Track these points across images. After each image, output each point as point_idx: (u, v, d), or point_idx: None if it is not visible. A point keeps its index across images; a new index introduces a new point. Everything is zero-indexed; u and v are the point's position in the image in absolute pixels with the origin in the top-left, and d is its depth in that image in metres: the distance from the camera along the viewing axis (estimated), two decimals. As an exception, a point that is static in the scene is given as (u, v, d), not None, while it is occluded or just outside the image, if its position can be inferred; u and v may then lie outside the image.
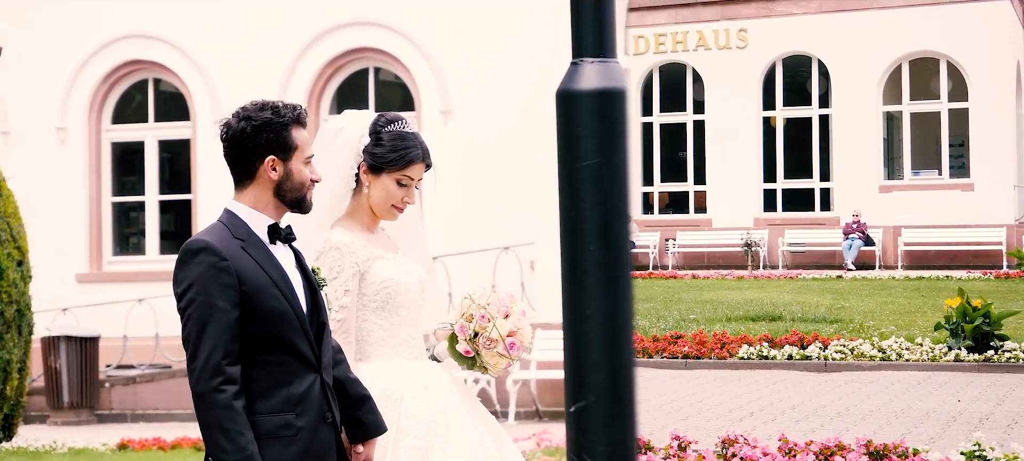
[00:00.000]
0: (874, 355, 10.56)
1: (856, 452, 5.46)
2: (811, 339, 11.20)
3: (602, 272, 1.82)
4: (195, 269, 3.06)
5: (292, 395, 3.11)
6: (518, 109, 11.60)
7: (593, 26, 1.86)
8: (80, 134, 12.90)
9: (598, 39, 1.86)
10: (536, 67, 11.40)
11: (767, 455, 5.51)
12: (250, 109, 3.14)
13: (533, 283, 11.20)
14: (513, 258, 11.26)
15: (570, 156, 1.84)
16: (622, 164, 1.88)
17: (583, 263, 1.82)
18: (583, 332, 1.82)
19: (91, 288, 12.42)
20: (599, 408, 1.81)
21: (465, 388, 4.11)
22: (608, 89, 1.85)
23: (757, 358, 10.84)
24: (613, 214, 1.84)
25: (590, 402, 1.81)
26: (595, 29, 1.86)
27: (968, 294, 10.76)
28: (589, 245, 1.81)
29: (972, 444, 5.59)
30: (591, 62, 1.85)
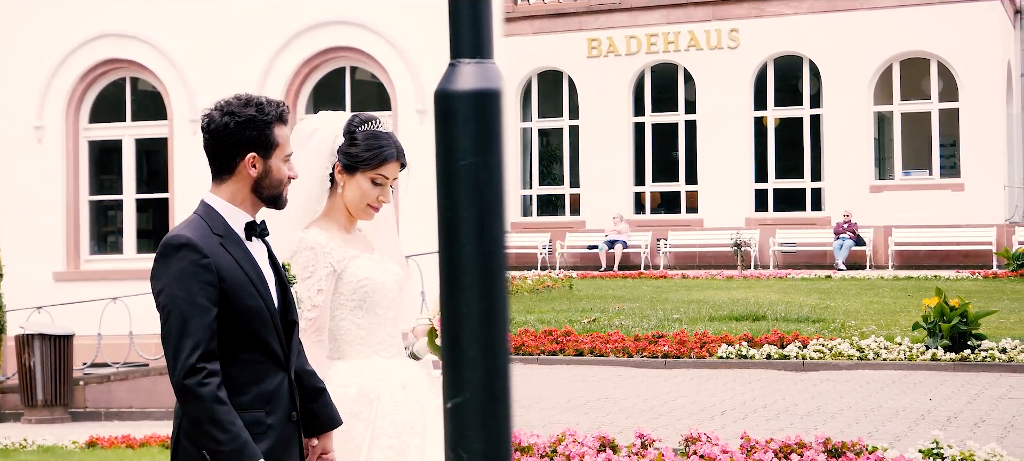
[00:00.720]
0: (851, 355, 10.55)
1: (814, 450, 5.45)
2: (791, 339, 11.19)
3: (478, 271, 1.84)
4: (176, 265, 3.06)
5: (264, 392, 3.15)
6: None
7: (470, 27, 1.88)
8: (57, 133, 12.89)
9: (475, 40, 1.88)
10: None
11: (726, 452, 5.50)
12: (234, 104, 3.15)
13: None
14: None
15: (447, 156, 1.86)
16: (498, 164, 1.90)
17: (459, 262, 1.84)
18: (459, 330, 1.84)
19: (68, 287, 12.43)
20: (475, 405, 1.83)
21: None
22: (485, 90, 1.86)
23: (736, 357, 10.83)
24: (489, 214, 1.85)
25: (466, 398, 1.83)
26: (472, 30, 1.88)
27: (946, 294, 10.75)
28: (465, 244, 1.84)
29: (930, 442, 5.58)
30: (468, 63, 1.87)
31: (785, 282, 20.60)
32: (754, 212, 28.04)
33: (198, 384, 2.98)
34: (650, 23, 28.58)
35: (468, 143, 1.84)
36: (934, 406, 7.97)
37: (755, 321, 13.93)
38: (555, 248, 28.64)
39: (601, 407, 8.25)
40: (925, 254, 25.76)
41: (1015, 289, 18.33)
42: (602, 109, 29.06)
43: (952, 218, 25.85)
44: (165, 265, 3.07)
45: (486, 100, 1.86)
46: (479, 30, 1.87)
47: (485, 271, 1.84)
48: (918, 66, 27.14)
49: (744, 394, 8.74)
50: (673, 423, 7.17)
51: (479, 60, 1.87)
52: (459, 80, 1.86)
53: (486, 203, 1.84)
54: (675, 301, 17.00)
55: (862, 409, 7.91)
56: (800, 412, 7.87)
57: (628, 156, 29.12)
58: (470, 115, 1.85)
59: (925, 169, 27.10)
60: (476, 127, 1.85)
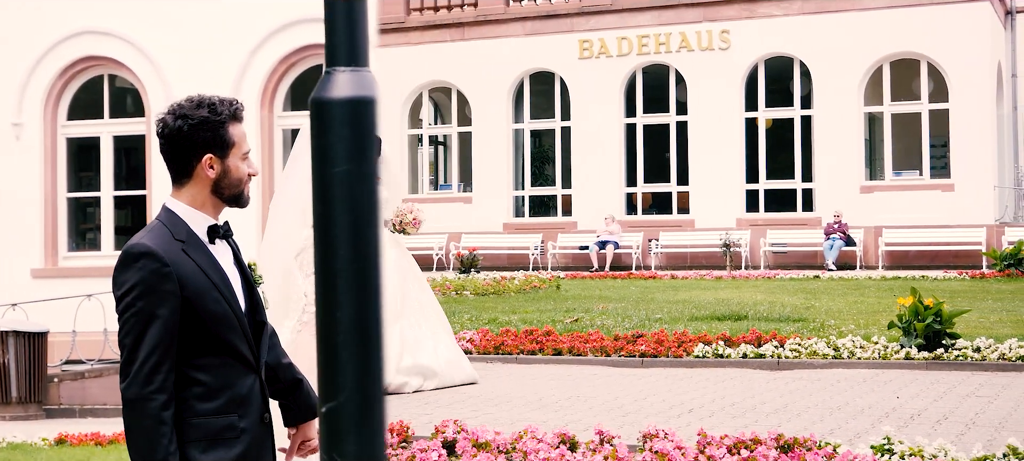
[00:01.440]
0: (826, 354, 10.58)
1: (766, 445, 5.48)
2: (768, 338, 11.22)
3: (352, 276, 1.87)
4: (136, 274, 3.05)
5: (235, 397, 3.15)
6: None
7: (346, 36, 1.91)
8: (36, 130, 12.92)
9: (350, 48, 1.91)
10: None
11: (680, 448, 5.53)
12: (186, 106, 3.11)
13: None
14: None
15: (323, 163, 1.89)
16: (372, 171, 1.94)
17: (334, 268, 1.87)
18: (334, 334, 1.87)
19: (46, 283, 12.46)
20: (350, 408, 1.86)
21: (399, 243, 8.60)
22: (359, 98, 1.89)
23: (713, 356, 10.85)
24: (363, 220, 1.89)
25: (341, 402, 1.86)
26: (347, 39, 1.91)
27: (922, 293, 10.78)
28: (340, 250, 1.87)
29: (882, 438, 5.62)
30: (343, 71, 1.90)
31: (773, 282, 20.62)
32: (745, 213, 28.08)
33: (145, 398, 2.99)
34: (641, 24, 28.63)
35: (343, 151, 1.88)
36: (900, 404, 8.00)
37: (737, 321, 13.97)
38: (547, 249, 28.67)
39: (571, 405, 8.28)
40: (915, 254, 25.79)
41: (1000, 289, 18.35)
42: (594, 110, 29.10)
43: (942, 218, 25.89)
44: (125, 273, 3.06)
45: (361, 108, 1.89)
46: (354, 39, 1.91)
47: (359, 276, 1.87)
48: (908, 67, 27.18)
49: (715, 392, 8.77)
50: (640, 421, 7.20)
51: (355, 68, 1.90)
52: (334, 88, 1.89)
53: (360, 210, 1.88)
54: (660, 301, 17.02)
55: (829, 407, 7.94)
56: (767, 410, 7.91)
57: (620, 157, 29.17)
58: (345, 123, 1.88)
59: (915, 170, 27.14)
60: (351, 135, 1.88)
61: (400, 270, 9.05)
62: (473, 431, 6.00)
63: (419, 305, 9.12)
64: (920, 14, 26.26)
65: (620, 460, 5.44)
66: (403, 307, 8.92)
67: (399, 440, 6.14)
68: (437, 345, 9.13)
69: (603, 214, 28.50)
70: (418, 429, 6.67)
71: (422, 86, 31.01)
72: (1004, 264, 20.26)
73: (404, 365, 8.82)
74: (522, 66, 29.82)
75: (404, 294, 8.98)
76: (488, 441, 5.92)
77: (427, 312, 9.20)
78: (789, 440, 5.50)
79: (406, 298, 8.99)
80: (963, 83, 25.95)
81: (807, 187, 27.84)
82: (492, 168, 29.93)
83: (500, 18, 29.95)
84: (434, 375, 9.06)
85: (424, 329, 9.07)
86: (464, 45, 30.21)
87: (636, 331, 12.26)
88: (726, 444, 5.58)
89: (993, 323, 13.10)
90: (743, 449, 5.38)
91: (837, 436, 6.76)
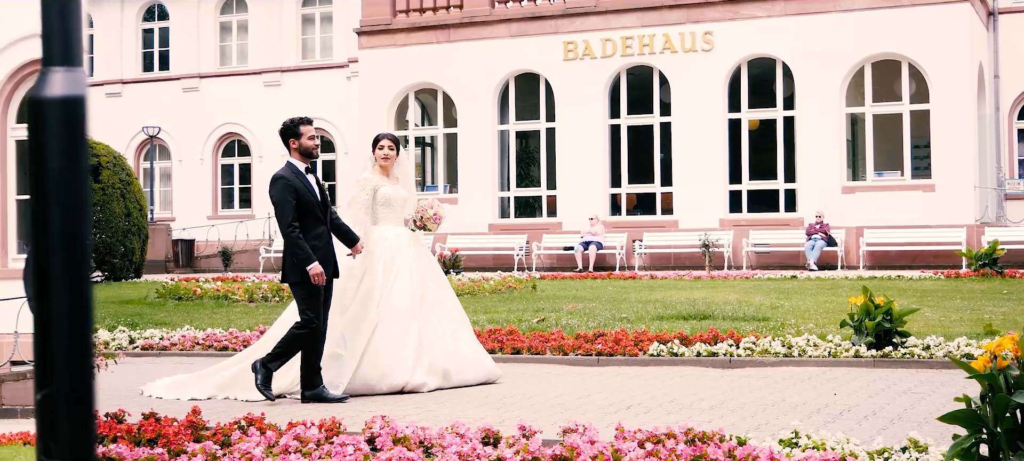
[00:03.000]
0: (778, 352, 10.70)
1: (676, 439, 5.63)
2: (725, 337, 11.34)
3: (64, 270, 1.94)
4: (279, 183, 8.29)
5: (317, 232, 8.33)
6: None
7: (60, 37, 1.97)
8: (-17, 132, 13.04)
9: (64, 49, 1.97)
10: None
11: (592, 443, 5.67)
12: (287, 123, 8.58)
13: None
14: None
15: (38, 161, 1.94)
16: (84, 169, 1.99)
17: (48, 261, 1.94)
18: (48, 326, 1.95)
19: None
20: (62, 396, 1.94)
21: (420, 241, 9.33)
22: (72, 97, 1.95)
23: (668, 355, 10.98)
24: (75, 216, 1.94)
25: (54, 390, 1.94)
26: (62, 39, 1.97)
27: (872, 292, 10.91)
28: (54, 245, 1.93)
29: (791, 432, 5.76)
30: (58, 71, 1.96)
31: (749, 282, 20.74)
32: (728, 213, 28.22)
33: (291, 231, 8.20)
34: (625, 26, 28.79)
35: (57, 148, 1.93)
36: (836, 400, 8.13)
37: (701, 320, 14.09)
38: (532, 249, 28.82)
39: (515, 402, 8.41)
40: (896, 254, 25.94)
41: (971, 288, 18.47)
42: (578, 111, 29.25)
43: (923, 219, 26.04)
44: (275, 185, 8.30)
45: (73, 107, 1.95)
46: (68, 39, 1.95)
47: (71, 270, 1.94)
48: (890, 68, 27.32)
49: (660, 390, 8.90)
50: (577, 416, 7.33)
51: (68, 68, 1.96)
52: (49, 87, 1.95)
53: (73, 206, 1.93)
54: (633, 301, 17.14)
55: (764, 403, 8.07)
56: (705, 406, 8.04)
57: (604, 158, 29.32)
58: (59, 121, 1.93)
59: (897, 170, 27.28)
60: (64, 133, 1.93)
61: (419, 269, 9.11)
62: (393, 427, 6.15)
63: (439, 304, 9.17)
64: (901, 15, 26.41)
65: (531, 453, 5.58)
66: (422, 307, 8.99)
67: (327, 436, 6.28)
68: (457, 345, 9.17)
69: (588, 215, 28.65)
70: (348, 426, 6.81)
71: (408, 87, 31.17)
72: (979, 264, 20.39)
73: (422, 365, 8.87)
74: (507, 67, 29.98)
75: (423, 293, 9.05)
76: (406, 435, 6.06)
77: (448, 311, 9.25)
78: (698, 434, 5.63)
79: (425, 297, 9.05)
80: (944, 84, 26.09)
81: (790, 188, 27.98)
82: (478, 169, 30.08)
83: (485, 20, 30.12)
84: (451, 374, 9.11)
85: (444, 328, 9.12)
86: (450, 47, 30.38)
87: (598, 330, 12.39)
88: (638, 438, 5.72)
89: (952, 322, 13.23)
90: (653, 443, 5.52)
91: (763, 431, 6.90)
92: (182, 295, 18.60)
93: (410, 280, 8.99)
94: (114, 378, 9.68)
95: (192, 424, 6.58)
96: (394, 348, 8.81)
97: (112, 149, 26.25)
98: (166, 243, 32.18)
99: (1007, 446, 4.76)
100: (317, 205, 8.42)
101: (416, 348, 8.88)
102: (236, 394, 8.72)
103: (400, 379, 8.76)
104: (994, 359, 4.83)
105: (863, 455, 5.38)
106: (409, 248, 9.12)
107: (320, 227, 8.42)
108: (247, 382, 8.68)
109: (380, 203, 9.12)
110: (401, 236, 9.16)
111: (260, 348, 9.02)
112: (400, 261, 9.04)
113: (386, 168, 9.20)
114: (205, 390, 8.83)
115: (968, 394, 5.07)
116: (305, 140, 8.46)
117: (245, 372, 8.78)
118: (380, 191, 9.12)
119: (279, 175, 8.36)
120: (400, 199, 9.21)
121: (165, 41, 37.88)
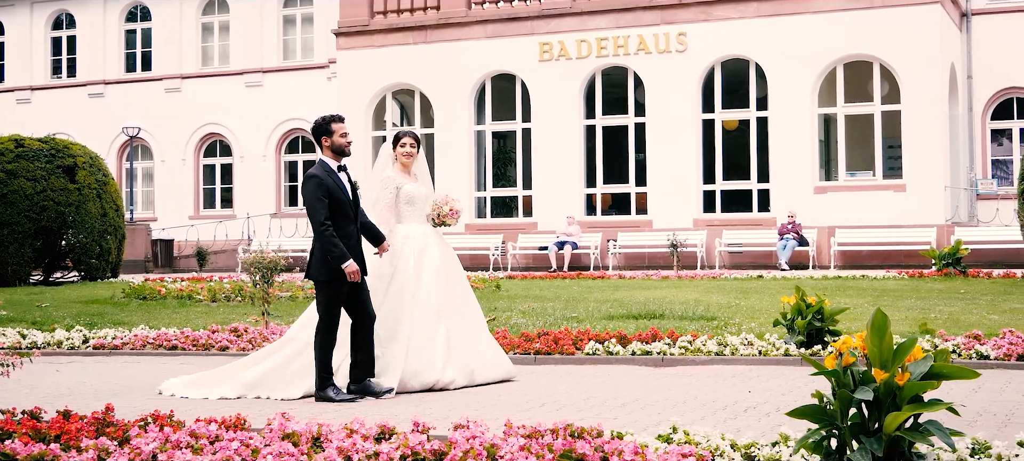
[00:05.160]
0: (710, 350, 10.83)
1: (554, 434, 5.76)
2: (664, 336, 11.46)
3: None
4: (312, 181, 8.19)
5: (347, 231, 8.26)
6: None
7: None
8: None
9: None
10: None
11: (471, 438, 5.80)
12: (319, 120, 8.48)
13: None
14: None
15: None
16: None
17: None
18: None
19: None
20: None
21: (444, 239, 9.19)
22: None
23: (604, 354, 11.10)
24: None
25: None
26: None
27: (804, 292, 11.05)
28: None
29: (669, 428, 5.90)
30: None
31: (714, 282, 20.87)
32: (702, 213, 28.36)
33: (324, 229, 8.12)
34: (600, 27, 28.94)
35: None
36: (747, 397, 8.27)
37: (652, 319, 14.20)
38: (507, 249, 28.96)
39: (433, 400, 8.52)
40: (868, 254, 26.09)
41: (930, 288, 18.60)
42: (554, 112, 29.39)
43: (894, 218, 26.18)
44: (307, 183, 8.20)
45: None
46: None
47: None
48: (861, 69, 27.47)
49: (580, 388, 9.02)
50: (486, 414, 7.46)
51: None
52: None
53: None
54: (592, 301, 17.26)
55: (676, 401, 8.20)
56: (617, 403, 8.16)
57: (579, 158, 29.47)
58: None
59: (869, 170, 27.42)
60: None
61: (445, 267, 9.06)
62: (280, 424, 6.28)
63: (463, 302, 9.18)
64: (872, 17, 26.56)
65: (410, 448, 5.72)
66: (450, 305, 8.99)
67: (227, 432, 6.41)
68: (478, 343, 9.20)
69: (564, 214, 28.80)
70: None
71: (386, 88, 31.31)
72: (942, 263, 20.54)
73: (452, 364, 8.88)
74: (484, 68, 30.12)
75: (450, 291, 9.04)
76: (293, 431, 6.19)
77: (470, 310, 9.26)
78: (577, 429, 5.77)
79: (452, 295, 9.04)
80: (915, 85, 26.24)
81: (763, 188, 28.12)
82: (454, 169, 30.22)
83: (462, 21, 30.26)
84: (476, 373, 9.07)
85: (467, 327, 9.14)
86: (427, 48, 30.53)
87: (542, 329, 12.52)
88: (521, 434, 5.86)
89: (896, 321, 13.34)
90: (533, 438, 5.66)
91: (662, 427, 7.03)
92: (147, 295, 18.73)
93: (438, 278, 8.96)
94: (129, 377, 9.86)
95: (97, 420, 6.70)
96: (425, 346, 8.79)
97: (88, 149, 26.35)
98: (146, 243, 32.32)
99: (850, 439, 4.91)
100: (348, 204, 8.37)
101: (445, 346, 8.87)
102: (268, 393, 8.59)
103: (431, 377, 8.73)
104: (840, 357, 4.97)
105: (728, 448, 5.52)
106: (436, 246, 9.06)
107: (350, 226, 8.36)
108: (278, 380, 8.61)
109: (404, 201, 9.04)
110: (428, 234, 9.09)
111: (279, 348, 8.95)
112: (429, 259, 8.98)
113: (407, 166, 9.10)
114: (232, 389, 8.68)
115: (821, 391, 5.21)
116: (337, 137, 8.38)
117: (275, 370, 8.70)
118: (404, 189, 9.03)
119: (312, 174, 8.29)
120: (422, 196, 9.13)
121: (148, 42, 38.03)
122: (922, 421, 4.97)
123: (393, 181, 9.03)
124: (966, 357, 10.01)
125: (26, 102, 39.14)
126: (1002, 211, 27.12)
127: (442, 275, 9.01)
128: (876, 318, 4.95)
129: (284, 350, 8.89)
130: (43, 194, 24.18)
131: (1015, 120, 29.12)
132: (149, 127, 36.82)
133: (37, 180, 24.17)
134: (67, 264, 25.20)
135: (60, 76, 39.25)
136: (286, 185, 36.48)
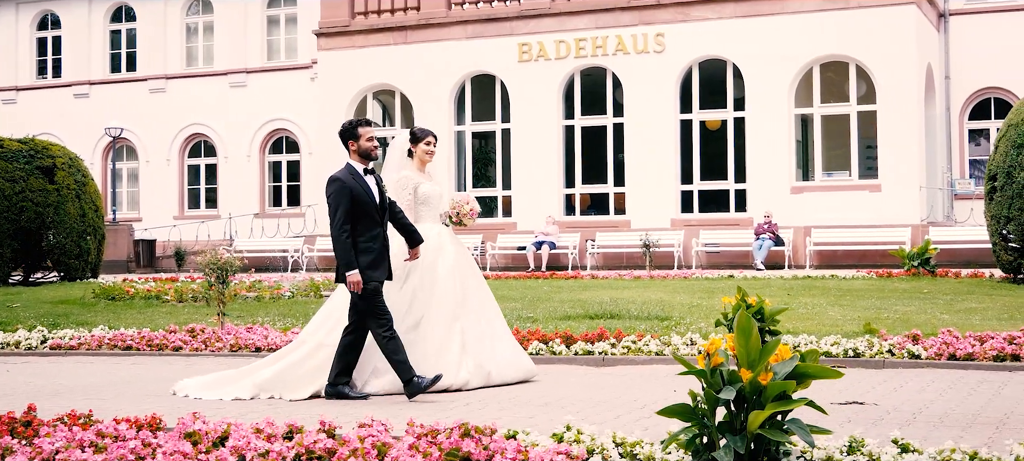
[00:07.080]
0: (651, 351, 10.92)
1: (448, 431, 5.86)
2: (610, 336, 11.55)
3: None
4: (335, 185, 8.14)
5: (373, 234, 8.19)
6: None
7: None
8: None
9: None
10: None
11: (368, 437, 5.91)
12: (346, 124, 8.44)
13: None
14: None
15: None
16: None
17: None
18: None
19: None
20: None
21: (458, 240, 9.13)
22: None
23: (548, 353, 11.19)
24: None
25: None
26: None
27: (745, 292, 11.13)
28: None
29: (564, 427, 6.00)
30: None
31: (683, 282, 20.94)
32: (680, 213, 28.45)
33: (341, 236, 8.09)
34: (578, 27, 29.02)
35: None
36: (672, 396, 8.36)
37: (608, 319, 14.28)
38: (486, 249, 29.05)
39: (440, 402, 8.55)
40: (843, 254, 26.17)
41: (895, 288, 18.68)
42: (533, 112, 29.48)
43: (870, 218, 26.26)
44: (331, 186, 8.13)
45: None
46: None
47: None
48: (838, 69, 27.55)
49: (513, 389, 9.11)
50: (401, 412, 7.54)
51: None
52: None
53: None
54: (556, 301, 17.33)
55: (597, 401, 8.27)
56: (540, 403, 8.23)
57: (558, 158, 29.56)
58: None
59: (845, 171, 27.51)
60: None
61: (460, 267, 8.98)
62: (183, 421, 6.38)
63: (479, 303, 9.09)
64: (848, 17, 26.64)
65: (305, 447, 5.82)
66: (464, 306, 8.92)
67: (152, 430, 6.50)
68: (495, 343, 9.10)
69: (543, 215, 28.89)
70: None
71: (366, 88, 31.40)
72: (911, 264, 20.62)
73: (466, 365, 8.82)
74: (463, 69, 30.22)
75: (465, 292, 8.96)
76: (195, 430, 6.28)
77: (486, 310, 9.16)
78: (471, 428, 5.87)
79: (467, 296, 8.97)
80: (891, 85, 26.32)
81: (740, 188, 28.21)
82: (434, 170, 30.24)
83: (442, 22, 30.36)
84: (492, 374, 8.97)
85: (483, 328, 9.05)
86: (407, 48, 30.62)
87: (494, 330, 12.62)
88: (416, 432, 5.96)
89: (848, 320, 13.44)
90: (429, 437, 5.76)
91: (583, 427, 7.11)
92: (115, 295, 18.82)
93: (453, 280, 8.89)
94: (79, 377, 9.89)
95: (12, 420, 6.80)
96: (440, 348, 8.74)
97: (68, 150, 26.43)
98: (128, 243, 32.42)
99: (717, 438, 5.01)
100: (374, 207, 8.30)
101: (460, 348, 8.82)
102: (280, 394, 8.58)
103: (446, 380, 8.66)
104: (709, 358, 5.07)
105: (611, 446, 5.61)
106: (451, 247, 8.99)
107: (376, 229, 8.29)
108: (290, 381, 8.61)
109: (420, 201, 8.95)
110: (443, 235, 9.02)
111: (293, 350, 8.93)
112: (443, 261, 8.91)
113: (425, 164, 9.03)
114: (246, 390, 8.64)
115: (694, 390, 5.31)
116: (363, 141, 8.35)
117: (287, 371, 8.69)
118: (420, 189, 8.95)
119: (335, 177, 8.25)
120: (437, 195, 9.07)
121: (132, 42, 38.14)
122: (789, 419, 5.07)
123: (411, 180, 8.94)
124: (900, 357, 10.11)
125: (11, 102, 39.26)
126: (976, 211, 27.20)
127: (457, 277, 8.93)
128: (741, 319, 5.05)
129: (297, 352, 8.85)
130: (22, 194, 24.26)
131: (993, 120, 29.20)
132: (134, 127, 36.92)
133: (16, 180, 24.24)
134: (48, 264, 25.30)
135: (45, 76, 39.36)
136: (270, 185, 36.58)
